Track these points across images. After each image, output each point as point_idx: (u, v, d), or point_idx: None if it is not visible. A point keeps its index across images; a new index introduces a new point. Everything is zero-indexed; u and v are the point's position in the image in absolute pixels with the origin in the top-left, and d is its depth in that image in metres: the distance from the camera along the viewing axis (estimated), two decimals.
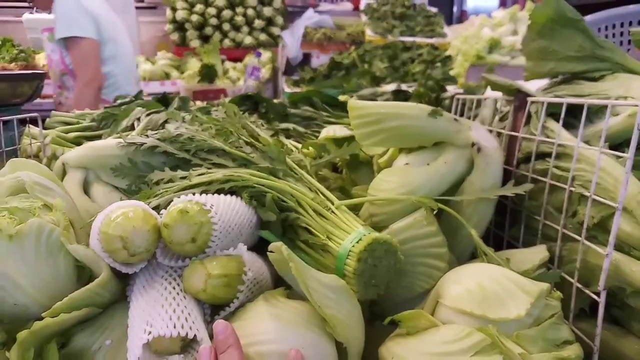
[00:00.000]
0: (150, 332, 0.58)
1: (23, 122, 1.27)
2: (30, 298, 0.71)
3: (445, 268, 0.76)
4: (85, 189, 1.01)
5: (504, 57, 3.41)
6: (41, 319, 0.66)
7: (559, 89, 0.90)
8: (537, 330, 0.59)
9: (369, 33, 4.26)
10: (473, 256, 0.84)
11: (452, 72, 3.20)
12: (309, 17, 4.47)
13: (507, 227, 0.89)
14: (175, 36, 4.56)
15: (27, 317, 0.70)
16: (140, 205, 0.69)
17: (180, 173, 0.87)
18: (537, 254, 0.75)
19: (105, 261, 0.69)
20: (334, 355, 0.62)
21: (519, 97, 0.88)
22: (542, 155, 0.82)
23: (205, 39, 4.56)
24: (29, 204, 0.76)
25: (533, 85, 0.95)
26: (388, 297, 0.83)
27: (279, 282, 0.76)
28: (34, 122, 1.29)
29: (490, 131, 0.95)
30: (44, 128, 1.28)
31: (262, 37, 4.52)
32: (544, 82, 0.97)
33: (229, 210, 0.71)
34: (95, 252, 0.70)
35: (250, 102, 1.83)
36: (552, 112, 0.85)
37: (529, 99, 0.86)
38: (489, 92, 1.13)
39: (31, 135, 1.25)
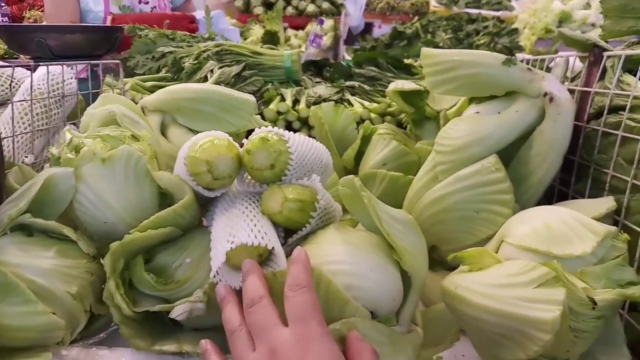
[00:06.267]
0: (233, 242, 0.62)
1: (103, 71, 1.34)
2: (118, 217, 0.77)
3: (510, 215, 0.76)
4: (163, 132, 1.08)
5: (574, 31, 3.29)
6: None
7: (636, 48, 0.88)
8: (601, 268, 0.59)
9: (434, 3, 4.18)
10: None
11: None
12: None
13: (573, 182, 0.89)
14: (239, 2, 4.60)
15: (114, 235, 0.75)
16: (224, 135, 0.73)
17: None
18: (604, 203, 0.74)
19: (188, 185, 0.74)
20: (399, 282, 0.64)
21: (595, 52, 0.87)
22: (615, 109, 0.81)
23: (269, 6, 4.59)
24: (119, 133, 0.82)
25: None
26: (448, 242, 0.86)
27: None
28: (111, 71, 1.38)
29: None
30: None
31: (325, 5, 4.49)
32: None
33: (304, 145, 0.74)
34: (179, 177, 0.75)
35: (314, 67, 1.88)
36: (629, 68, 0.84)
37: (606, 53, 0.85)
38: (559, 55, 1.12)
39: (111, 84, 1.33)
